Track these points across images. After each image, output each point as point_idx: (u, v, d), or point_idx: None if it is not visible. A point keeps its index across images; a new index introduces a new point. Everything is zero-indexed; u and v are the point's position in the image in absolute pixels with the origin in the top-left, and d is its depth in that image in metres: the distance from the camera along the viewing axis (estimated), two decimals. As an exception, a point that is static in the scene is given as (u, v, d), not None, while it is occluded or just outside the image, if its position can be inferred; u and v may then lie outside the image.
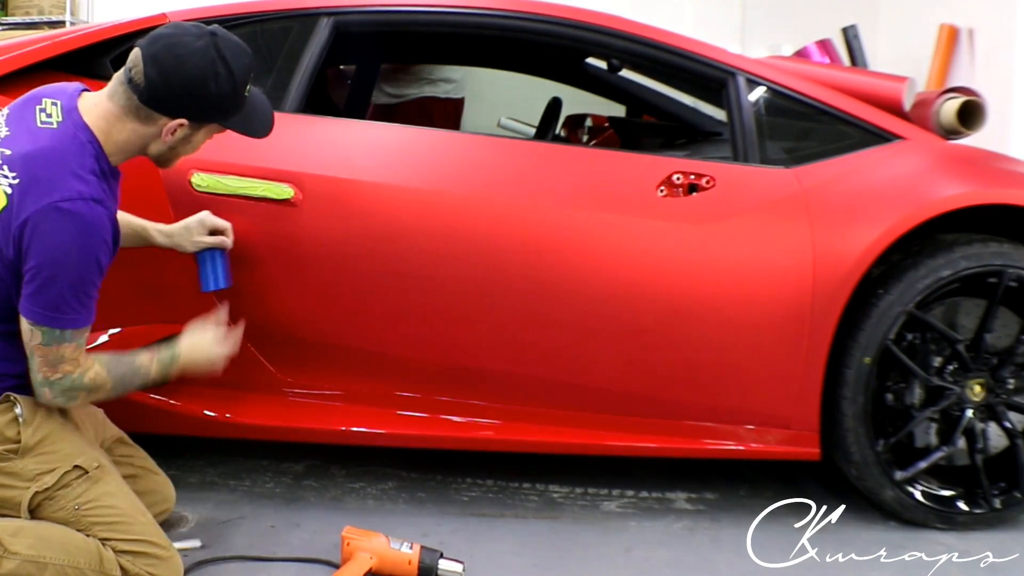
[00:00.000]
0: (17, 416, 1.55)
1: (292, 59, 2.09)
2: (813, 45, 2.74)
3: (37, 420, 1.57)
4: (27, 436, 1.54)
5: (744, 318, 1.98)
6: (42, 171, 1.46)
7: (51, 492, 1.54)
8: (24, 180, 1.46)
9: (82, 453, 1.59)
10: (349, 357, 2.04)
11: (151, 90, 1.52)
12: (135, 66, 1.52)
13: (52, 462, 1.55)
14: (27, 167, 1.47)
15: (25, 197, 1.46)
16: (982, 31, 4.26)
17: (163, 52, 1.51)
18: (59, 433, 1.59)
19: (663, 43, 2.17)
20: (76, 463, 1.57)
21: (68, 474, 1.55)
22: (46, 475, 1.54)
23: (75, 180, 1.47)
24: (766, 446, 2.06)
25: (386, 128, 2.24)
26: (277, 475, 2.29)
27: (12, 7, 5.17)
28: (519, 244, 1.97)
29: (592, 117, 3.74)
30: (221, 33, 1.57)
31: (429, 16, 2.22)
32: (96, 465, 1.59)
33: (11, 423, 1.54)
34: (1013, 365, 2.08)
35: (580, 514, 2.13)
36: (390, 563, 1.75)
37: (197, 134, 1.62)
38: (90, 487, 1.57)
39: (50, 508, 1.55)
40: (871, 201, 2.01)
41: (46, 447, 1.56)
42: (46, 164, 1.47)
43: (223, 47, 1.54)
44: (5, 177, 1.48)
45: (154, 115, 1.55)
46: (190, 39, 1.52)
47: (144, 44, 1.53)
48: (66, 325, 1.50)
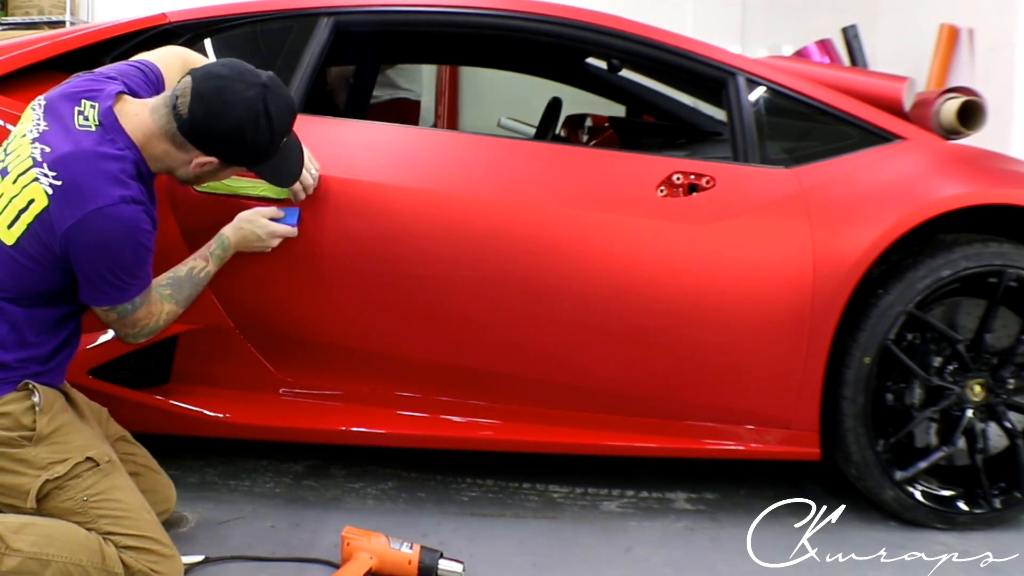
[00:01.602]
0: (35, 404, 1.56)
1: (292, 59, 2.09)
2: (813, 45, 2.74)
3: (53, 410, 1.59)
4: (42, 425, 1.56)
5: (744, 318, 1.98)
6: (83, 177, 1.51)
7: (61, 482, 1.55)
8: (66, 184, 1.50)
9: (94, 446, 1.61)
10: (349, 357, 2.04)
11: (192, 124, 1.57)
12: (183, 96, 1.57)
13: (65, 452, 1.57)
14: (68, 170, 1.51)
15: (68, 202, 1.50)
16: (982, 31, 4.26)
17: (212, 93, 1.56)
18: (73, 425, 1.61)
19: (663, 43, 2.17)
20: (88, 455, 1.59)
21: (80, 465, 1.57)
22: (58, 464, 1.55)
23: (115, 185, 1.52)
24: (766, 446, 2.06)
25: (386, 128, 2.24)
26: (277, 475, 2.29)
27: (12, 7, 5.17)
28: (519, 244, 1.97)
29: (592, 117, 3.74)
30: (273, 85, 1.61)
31: (429, 16, 2.22)
32: (107, 459, 1.62)
33: (28, 411, 1.56)
34: (1013, 365, 2.08)
35: (580, 514, 2.13)
36: (390, 563, 1.75)
37: (224, 171, 1.69)
38: (100, 480, 1.58)
39: (59, 498, 1.56)
40: (871, 201, 2.01)
41: (60, 437, 1.58)
42: (86, 170, 1.51)
43: (271, 101, 1.59)
44: (46, 176, 1.51)
45: (188, 146, 1.60)
46: (241, 87, 1.57)
47: (198, 77, 1.58)
48: (132, 296, 1.61)
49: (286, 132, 1.66)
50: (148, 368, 2.05)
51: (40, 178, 1.52)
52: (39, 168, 1.52)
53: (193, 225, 1.94)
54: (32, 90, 2.02)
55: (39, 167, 1.52)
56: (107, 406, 1.84)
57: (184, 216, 1.94)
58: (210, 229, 1.91)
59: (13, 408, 1.55)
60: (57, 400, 1.61)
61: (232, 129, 1.57)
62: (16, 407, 1.55)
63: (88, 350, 1.97)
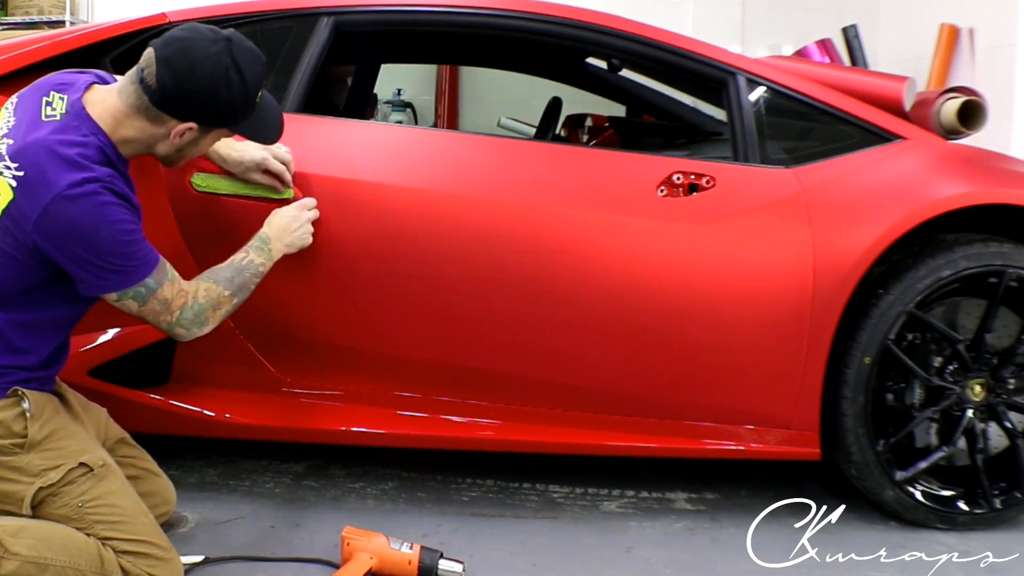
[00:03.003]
0: (25, 411, 1.54)
1: (292, 59, 2.09)
2: (813, 45, 2.74)
3: (44, 415, 1.57)
4: (34, 431, 1.54)
5: (744, 318, 1.98)
6: (42, 165, 1.47)
7: (55, 488, 1.54)
8: (27, 174, 1.47)
9: (88, 451, 1.59)
10: (349, 357, 2.04)
11: (162, 93, 1.52)
12: (148, 67, 1.53)
13: (58, 458, 1.55)
14: (27, 160, 1.48)
15: (31, 193, 1.46)
16: (982, 31, 4.26)
17: (177, 56, 1.51)
18: (66, 430, 1.59)
19: (663, 43, 2.17)
20: (82, 460, 1.57)
21: (73, 471, 1.55)
22: (51, 471, 1.54)
23: (73, 170, 1.47)
24: (766, 446, 2.06)
25: (386, 128, 2.24)
26: (277, 475, 2.28)
27: (12, 7, 5.18)
28: (519, 244, 1.97)
29: (592, 117, 3.74)
30: (236, 39, 1.57)
31: (429, 16, 2.22)
32: (101, 463, 1.59)
33: (18, 418, 1.54)
34: (1013, 365, 2.08)
35: (580, 514, 2.13)
36: (390, 563, 1.75)
37: (205, 138, 1.64)
38: (94, 485, 1.57)
39: (53, 504, 1.54)
40: (871, 201, 2.01)
41: (52, 443, 1.56)
42: (45, 158, 1.47)
43: (237, 54, 1.55)
44: (8, 168, 1.48)
45: (163, 116, 1.55)
46: (205, 44, 1.53)
47: (158, 45, 1.54)
48: (141, 276, 1.55)
49: (259, 84, 1.61)
50: (148, 368, 2.05)
51: (3, 171, 1.49)
52: (2, 162, 1.50)
53: (195, 229, 1.94)
54: (32, 90, 2.03)
55: (2, 161, 1.50)
56: (107, 406, 1.84)
57: (185, 220, 1.93)
58: (211, 232, 1.91)
59: (3, 416, 1.53)
60: (48, 404, 1.59)
61: (204, 87, 1.52)
62: (6, 414, 1.53)
63: (88, 350, 1.97)
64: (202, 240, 1.93)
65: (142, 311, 1.58)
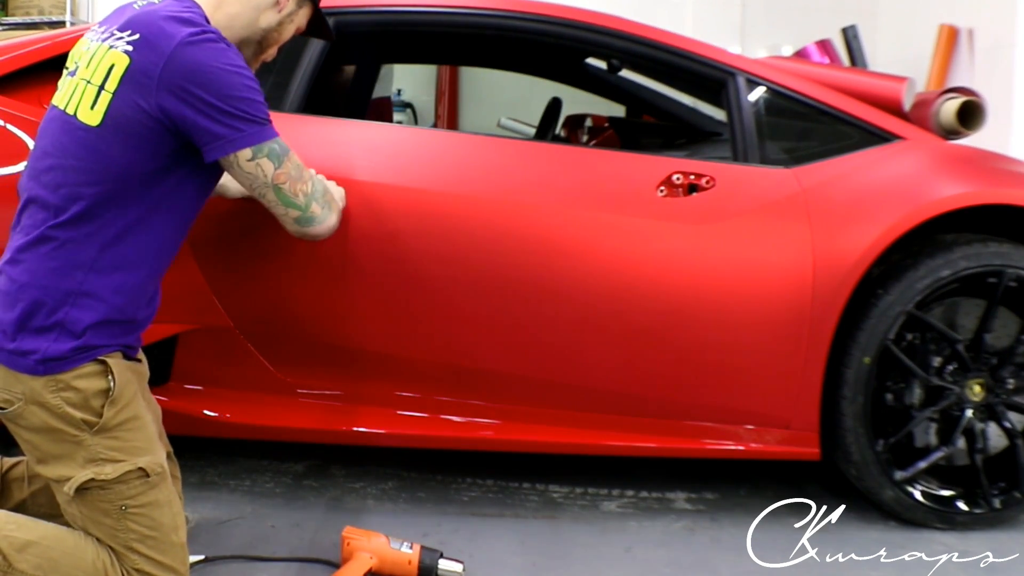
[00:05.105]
0: (108, 389, 1.47)
1: (292, 59, 2.09)
2: (813, 45, 2.74)
3: (123, 400, 1.49)
4: (109, 416, 1.47)
5: (744, 318, 1.98)
6: (160, 22, 1.46)
7: (107, 484, 1.47)
8: (144, 35, 1.46)
9: (150, 452, 1.52)
10: (349, 357, 2.04)
11: None
12: None
13: (121, 453, 1.48)
14: (142, 22, 1.47)
15: (151, 48, 1.44)
16: (982, 31, 4.26)
17: None
18: (138, 420, 1.52)
19: (663, 43, 2.17)
20: (141, 464, 1.49)
21: (130, 473, 1.48)
22: (109, 465, 1.47)
23: (192, 24, 1.48)
24: (766, 446, 2.06)
25: (385, 128, 2.24)
26: (277, 475, 2.29)
27: (12, 7, 5.18)
28: (519, 244, 1.97)
29: (592, 117, 3.74)
30: None
31: (429, 16, 2.22)
32: (159, 470, 1.53)
33: (99, 394, 1.47)
34: (1013, 365, 2.08)
35: (580, 514, 2.13)
36: (390, 563, 1.75)
37: (298, 13, 1.70)
38: (145, 491, 1.50)
39: (97, 496, 1.48)
40: (871, 201, 2.02)
41: (122, 432, 1.49)
42: (161, 19, 1.47)
43: None
44: (120, 39, 1.47)
45: None
46: None
47: None
48: (270, 134, 1.52)
49: None
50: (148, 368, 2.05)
51: (115, 44, 1.47)
52: (111, 39, 1.48)
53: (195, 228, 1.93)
54: (32, 90, 2.03)
55: (111, 37, 1.49)
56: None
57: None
58: (214, 230, 1.91)
59: (86, 385, 1.45)
60: (129, 387, 1.51)
61: None
62: (89, 385, 1.45)
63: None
64: (202, 240, 1.93)
65: (278, 174, 1.54)
